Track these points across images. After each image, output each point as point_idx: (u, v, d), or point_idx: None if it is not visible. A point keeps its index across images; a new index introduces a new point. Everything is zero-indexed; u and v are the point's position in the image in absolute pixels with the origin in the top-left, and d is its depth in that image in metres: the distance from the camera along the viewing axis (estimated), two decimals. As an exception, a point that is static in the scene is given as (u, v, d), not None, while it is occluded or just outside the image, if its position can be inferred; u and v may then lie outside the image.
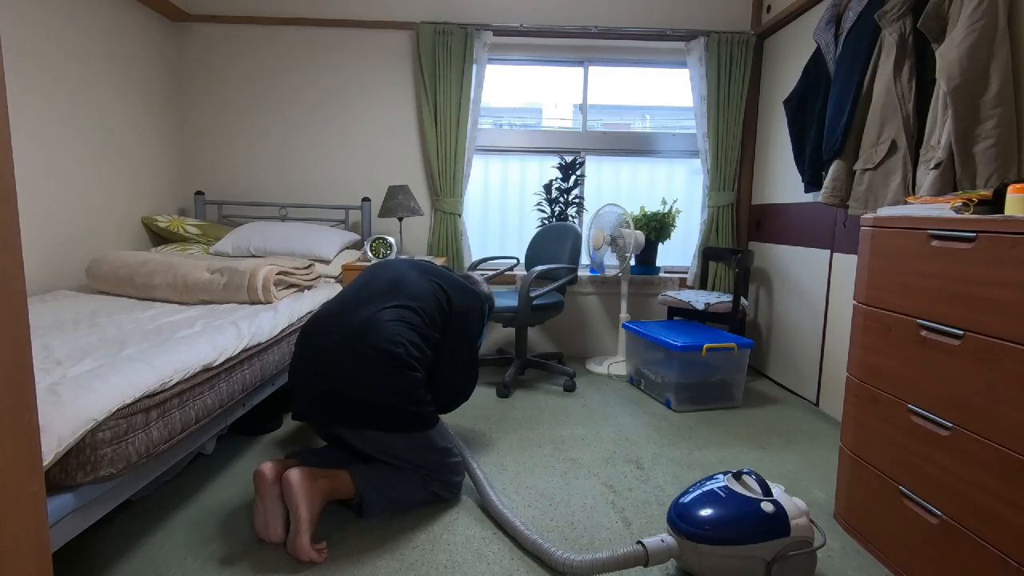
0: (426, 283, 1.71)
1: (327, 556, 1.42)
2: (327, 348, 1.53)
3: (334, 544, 1.47)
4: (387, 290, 1.66)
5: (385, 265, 1.80)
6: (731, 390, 2.61)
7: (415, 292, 1.66)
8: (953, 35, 1.72)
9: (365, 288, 1.69)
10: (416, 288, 1.68)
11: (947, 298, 1.28)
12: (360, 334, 1.51)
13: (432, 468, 1.63)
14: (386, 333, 1.52)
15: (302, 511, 1.39)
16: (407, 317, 1.59)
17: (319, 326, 1.60)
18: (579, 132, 3.45)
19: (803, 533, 1.29)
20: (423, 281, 1.71)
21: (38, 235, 2.34)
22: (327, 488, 1.47)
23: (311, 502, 1.41)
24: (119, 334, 1.61)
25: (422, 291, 1.68)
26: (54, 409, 1.05)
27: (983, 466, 1.18)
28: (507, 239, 3.58)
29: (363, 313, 1.58)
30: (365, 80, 3.24)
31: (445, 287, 1.74)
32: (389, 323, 1.55)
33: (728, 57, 3.14)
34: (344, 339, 1.52)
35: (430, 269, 1.80)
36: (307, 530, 1.39)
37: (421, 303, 1.64)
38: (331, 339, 1.54)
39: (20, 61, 2.24)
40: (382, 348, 1.49)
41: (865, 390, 1.54)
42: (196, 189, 3.30)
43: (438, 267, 1.84)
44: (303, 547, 1.37)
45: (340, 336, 1.53)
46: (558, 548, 1.39)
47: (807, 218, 2.76)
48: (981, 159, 1.66)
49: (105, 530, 1.51)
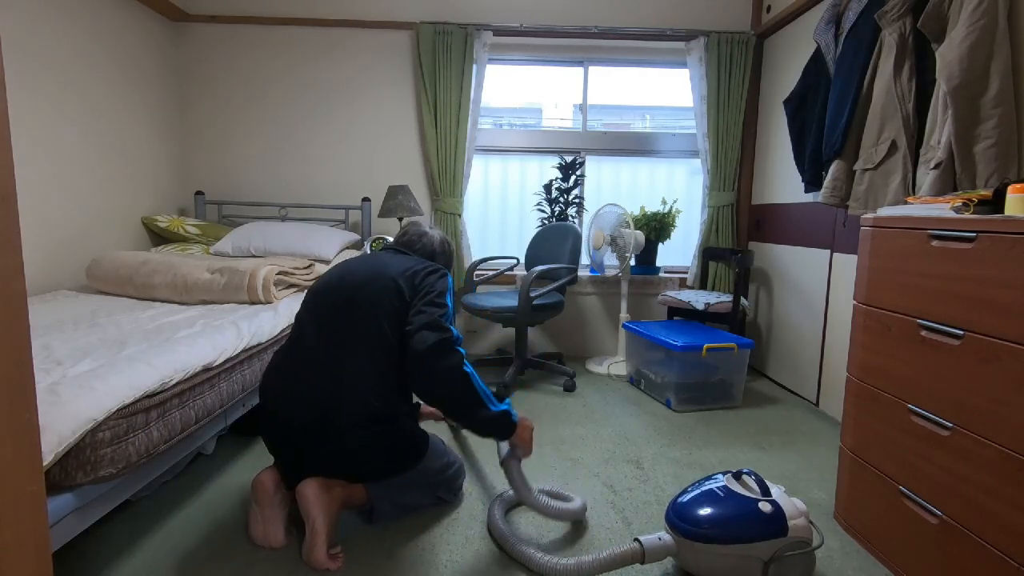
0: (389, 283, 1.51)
1: (342, 561, 1.41)
2: (301, 426, 1.41)
3: (334, 544, 1.47)
4: (348, 320, 1.47)
5: (342, 277, 1.57)
6: (731, 390, 2.61)
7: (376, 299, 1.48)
8: (953, 35, 1.72)
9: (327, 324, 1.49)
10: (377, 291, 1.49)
11: (947, 298, 1.28)
12: (336, 406, 1.40)
13: (434, 484, 1.64)
14: (362, 389, 1.41)
15: (319, 522, 1.37)
16: (376, 348, 1.44)
17: (279, 390, 1.46)
18: (579, 132, 3.45)
19: (801, 534, 1.29)
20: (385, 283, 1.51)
21: (38, 235, 2.34)
22: (342, 497, 1.46)
23: (328, 512, 1.40)
24: (119, 334, 1.61)
25: (384, 308, 1.48)
26: (54, 409, 1.05)
27: (983, 466, 1.18)
28: (507, 239, 3.58)
29: (332, 370, 1.43)
30: (365, 80, 3.24)
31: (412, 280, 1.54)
32: (363, 379, 1.42)
33: (728, 57, 3.14)
34: (312, 410, 1.41)
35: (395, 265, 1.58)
36: (324, 541, 1.38)
37: (384, 312, 1.47)
38: (300, 412, 1.42)
39: (20, 61, 2.24)
40: (364, 411, 1.40)
41: (865, 390, 1.54)
42: (196, 189, 3.30)
43: (403, 259, 1.63)
44: (320, 557, 1.37)
45: (314, 403, 1.41)
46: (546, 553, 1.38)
47: (807, 218, 2.76)
48: (981, 159, 1.66)
49: (105, 530, 1.51)
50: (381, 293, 1.49)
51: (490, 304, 2.72)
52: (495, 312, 2.68)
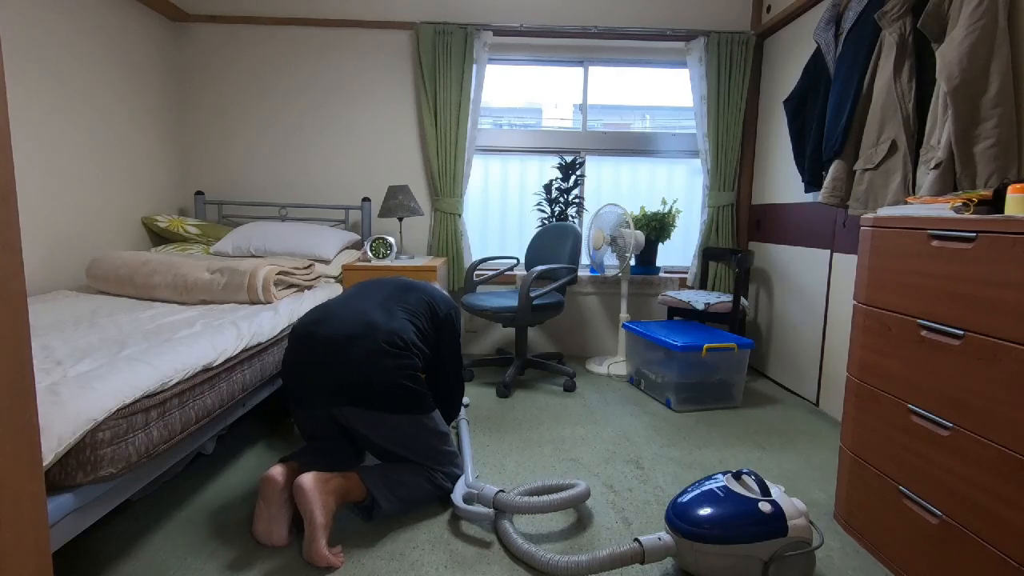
0: (415, 295, 1.82)
1: (343, 560, 1.41)
2: (331, 336, 1.56)
3: (333, 544, 1.47)
4: (388, 296, 1.77)
5: (374, 282, 1.90)
6: (731, 390, 2.61)
7: (411, 302, 1.78)
8: (953, 35, 1.72)
9: (365, 292, 1.79)
10: (410, 299, 1.79)
11: (947, 298, 1.28)
12: (368, 323, 1.59)
13: (434, 456, 1.64)
14: (395, 325, 1.62)
15: (317, 516, 1.37)
16: (411, 319, 1.71)
17: (321, 317, 1.65)
18: (579, 132, 3.45)
19: (801, 534, 1.29)
20: (411, 294, 1.82)
21: (38, 235, 2.34)
22: (340, 490, 1.46)
23: (325, 506, 1.40)
24: (119, 334, 1.61)
25: (415, 301, 1.79)
26: (54, 409, 1.05)
27: (983, 466, 1.18)
28: (507, 239, 3.58)
29: (370, 305, 1.68)
30: (365, 80, 3.25)
31: (430, 299, 1.84)
32: (396, 318, 1.66)
33: (728, 57, 3.14)
34: (352, 325, 1.58)
35: (412, 284, 1.90)
36: (323, 535, 1.38)
37: (416, 312, 1.75)
38: (336, 327, 1.58)
39: (20, 61, 2.24)
40: (391, 332, 1.58)
41: (865, 390, 1.54)
42: (196, 189, 3.30)
43: (417, 282, 1.94)
44: (320, 553, 1.36)
45: (348, 323, 1.59)
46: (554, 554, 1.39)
47: (807, 218, 2.76)
48: (981, 159, 1.66)
49: (105, 530, 1.51)
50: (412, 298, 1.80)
51: (490, 304, 2.72)
52: (495, 312, 2.68)
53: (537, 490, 1.67)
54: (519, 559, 1.41)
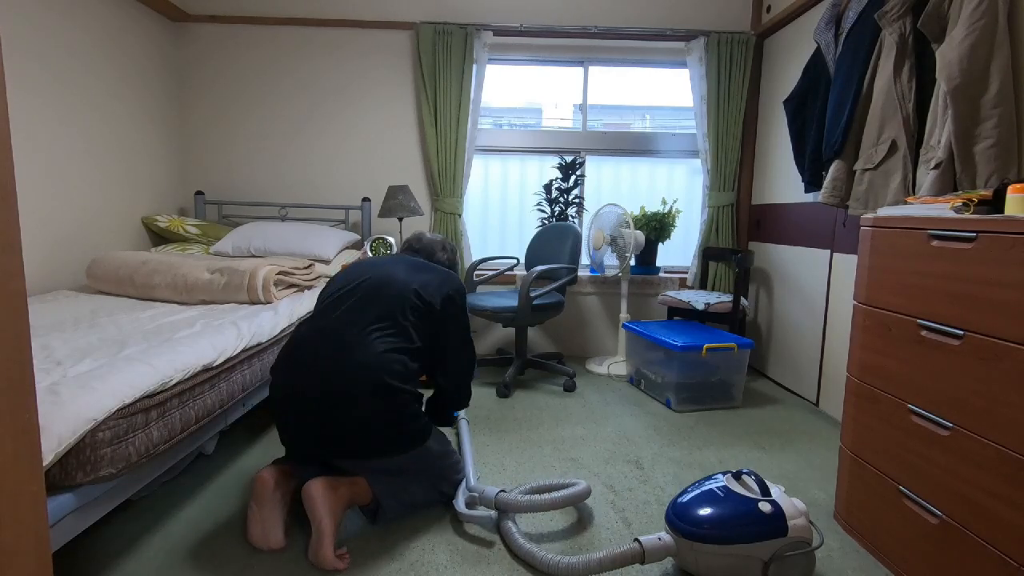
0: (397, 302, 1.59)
1: (349, 562, 1.41)
2: (317, 400, 1.43)
3: (336, 546, 1.47)
4: (365, 306, 1.56)
5: (363, 269, 1.69)
6: (731, 390, 2.61)
7: (395, 298, 1.58)
8: (953, 35, 1.72)
9: (343, 307, 1.57)
10: (397, 293, 1.59)
11: (947, 298, 1.28)
12: (353, 377, 1.43)
13: (438, 473, 1.64)
14: (380, 360, 1.46)
15: (325, 522, 1.37)
16: (392, 336, 1.52)
17: (308, 358, 1.48)
18: (579, 132, 3.45)
19: (801, 534, 1.29)
20: (407, 277, 1.64)
21: (38, 235, 2.34)
22: (348, 496, 1.46)
23: (333, 512, 1.40)
24: (119, 334, 1.61)
25: (403, 293, 1.59)
26: (54, 409, 1.05)
27: (983, 466, 1.18)
28: (507, 239, 3.58)
29: (352, 335, 1.49)
30: (365, 80, 3.24)
31: (431, 279, 1.67)
32: (374, 348, 1.47)
33: (728, 57, 3.14)
34: (337, 379, 1.43)
35: (413, 264, 1.72)
36: (331, 541, 1.38)
37: (397, 324, 1.54)
38: (322, 382, 1.43)
39: (20, 61, 2.24)
40: (374, 382, 1.42)
41: (865, 390, 1.54)
42: (196, 189, 3.30)
43: (420, 261, 1.77)
44: (327, 557, 1.36)
45: (332, 375, 1.43)
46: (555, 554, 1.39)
47: (807, 218, 2.76)
48: (981, 159, 1.66)
49: (105, 530, 1.51)
50: (404, 290, 1.60)
51: (490, 304, 2.72)
52: (495, 312, 2.68)
53: (538, 489, 1.67)
54: (520, 559, 1.42)
